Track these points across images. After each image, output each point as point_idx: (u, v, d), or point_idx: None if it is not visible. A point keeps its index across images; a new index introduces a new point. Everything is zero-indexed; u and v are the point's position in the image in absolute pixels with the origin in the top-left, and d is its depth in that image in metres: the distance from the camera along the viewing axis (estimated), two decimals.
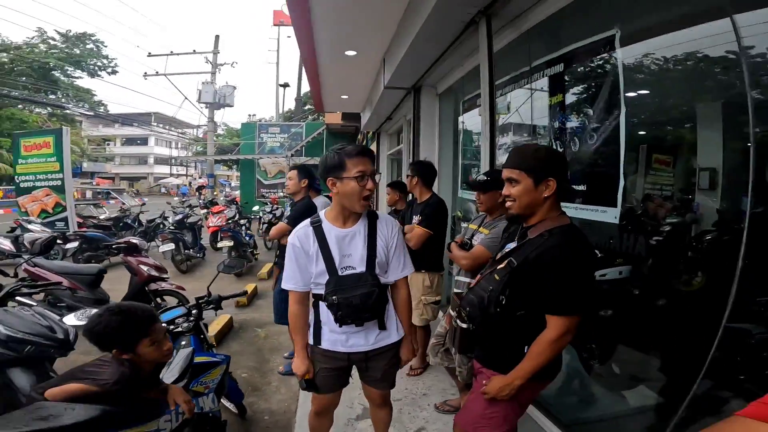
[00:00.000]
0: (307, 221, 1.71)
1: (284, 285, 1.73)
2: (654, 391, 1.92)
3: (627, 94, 1.97)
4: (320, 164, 1.67)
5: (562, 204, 1.44)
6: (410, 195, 3.38)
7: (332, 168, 1.58)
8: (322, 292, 1.63)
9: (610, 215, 1.98)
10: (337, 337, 1.70)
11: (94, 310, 4.26)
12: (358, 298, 1.57)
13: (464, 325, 1.45)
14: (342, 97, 7.20)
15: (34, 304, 3.13)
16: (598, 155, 2.19)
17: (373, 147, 9.68)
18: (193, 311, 2.47)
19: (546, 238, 1.31)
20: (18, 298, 2.96)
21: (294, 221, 3.40)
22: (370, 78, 5.77)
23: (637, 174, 1.96)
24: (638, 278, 1.98)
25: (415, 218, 2.88)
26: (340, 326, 1.64)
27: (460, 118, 4.46)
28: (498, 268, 1.38)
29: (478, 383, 1.53)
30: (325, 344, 1.72)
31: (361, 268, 1.63)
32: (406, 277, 1.79)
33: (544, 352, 1.31)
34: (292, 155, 15.73)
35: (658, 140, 2.04)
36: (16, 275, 3.75)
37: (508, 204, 1.40)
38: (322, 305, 1.66)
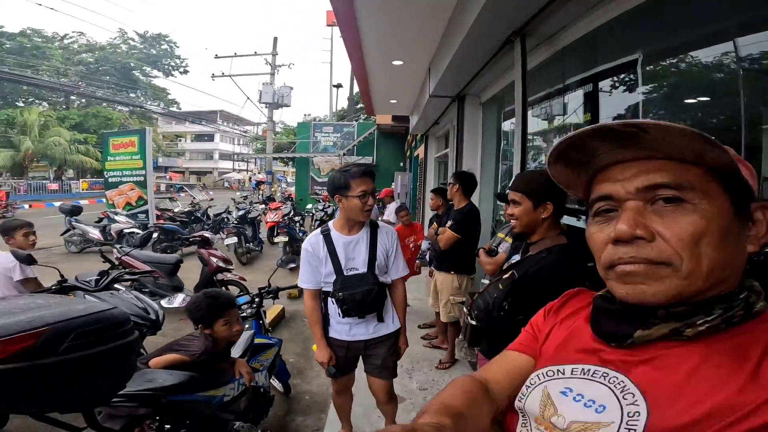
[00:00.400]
0: (319, 230, 2.03)
1: (300, 284, 2.05)
2: None
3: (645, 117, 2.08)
4: (329, 183, 1.98)
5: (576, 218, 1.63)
6: (450, 201, 3.62)
7: (339, 187, 1.89)
8: (331, 289, 1.95)
9: None
10: (341, 328, 2.02)
11: (179, 296, 4.91)
12: (360, 294, 1.89)
13: (473, 323, 1.69)
14: (391, 101, 7.49)
15: (122, 289, 3.75)
16: None
17: (421, 150, 9.89)
18: (256, 299, 2.91)
19: (544, 255, 1.52)
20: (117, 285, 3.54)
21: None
22: (417, 85, 6.01)
23: None
24: None
25: (448, 222, 3.14)
26: (344, 317, 1.96)
27: (503, 127, 4.60)
28: (503, 278, 1.61)
29: None
30: (332, 333, 2.04)
31: (363, 269, 1.94)
32: (402, 278, 2.09)
33: None
34: (344, 154, 16.35)
35: None
36: (106, 260, 4.40)
37: (512, 223, 1.63)
38: (330, 301, 1.99)
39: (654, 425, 0.50)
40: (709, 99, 1.89)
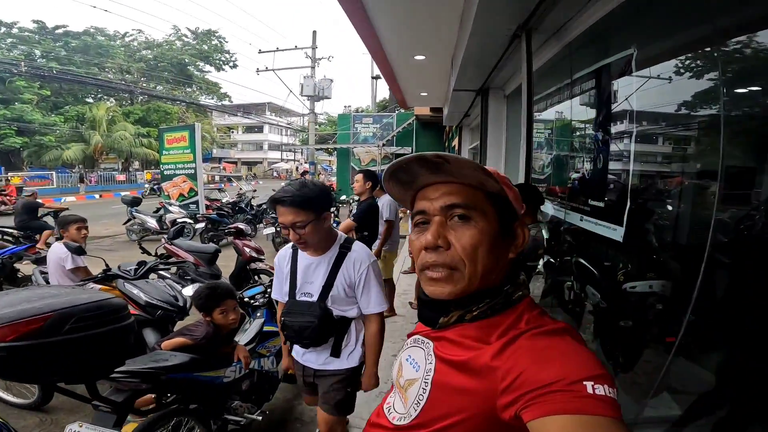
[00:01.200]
0: (291, 244, 1.81)
1: (273, 294, 1.95)
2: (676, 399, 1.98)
3: (637, 113, 2.02)
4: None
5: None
6: None
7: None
8: None
9: (618, 233, 2.06)
10: (297, 348, 1.88)
11: (190, 287, 5.28)
12: (298, 325, 1.70)
13: None
14: (421, 94, 7.48)
15: (168, 276, 4.14)
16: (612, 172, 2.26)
17: (456, 141, 9.78)
18: (268, 290, 3.13)
19: None
20: (160, 272, 3.92)
21: (359, 219, 3.92)
22: (443, 78, 5.97)
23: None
24: (670, 293, 2.01)
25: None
26: (286, 342, 1.87)
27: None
28: None
29: None
30: (293, 352, 1.92)
31: (315, 297, 1.73)
32: (377, 313, 1.78)
33: None
34: (383, 144, 16.47)
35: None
36: (144, 251, 4.87)
37: None
38: None
39: (436, 378, 0.69)
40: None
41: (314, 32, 18.79)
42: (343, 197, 13.35)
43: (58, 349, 1.24)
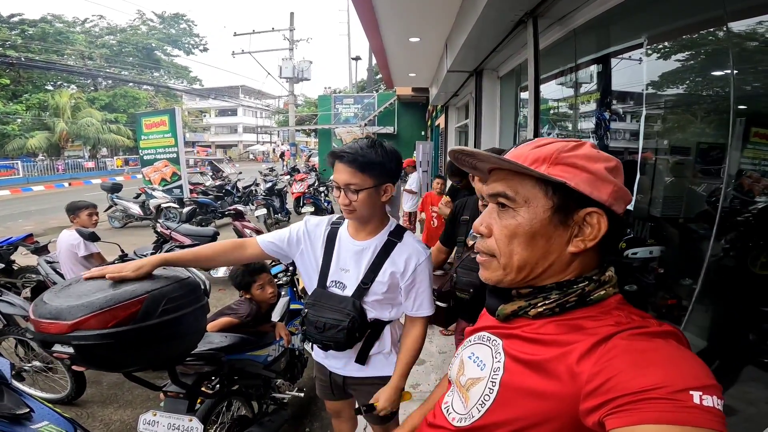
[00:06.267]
0: (329, 218, 1.56)
1: (258, 238, 1.55)
2: None
3: (648, 95, 2.20)
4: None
5: None
6: None
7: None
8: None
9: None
10: (318, 350, 1.57)
11: (221, 268, 5.31)
12: (323, 322, 1.40)
13: (463, 296, 1.77)
14: (410, 75, 7.52)
15: None
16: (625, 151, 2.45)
17: (442, 120, 9.89)
18: (290, 267, 3.21)
19: None
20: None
21: None
22: (434, 60, 6.04)
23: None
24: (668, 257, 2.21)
25: None
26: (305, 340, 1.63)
27: (520, 98, 4.66)
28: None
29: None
30: (314, 353, 1.65)
31: (348, 290, 1.44)
32: (423, 318, 1.49)
33: None
34: (365, 125, 16.40)
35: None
36: (159, 235, 4.81)
37: None
38: None
39: (506, 378, 0.64)
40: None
41: (292, 14, 18.36)
42: (332, 177, 13.25)
43: (155, 333, 1.20)
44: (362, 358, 1.50)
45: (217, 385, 1.95)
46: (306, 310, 1.46)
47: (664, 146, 2.23)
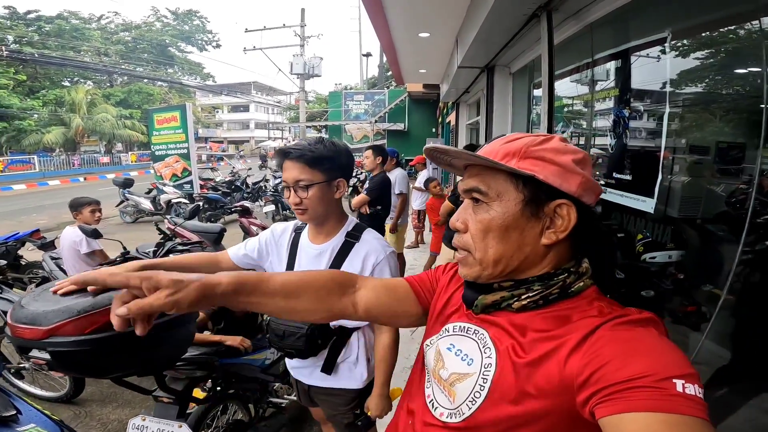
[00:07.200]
0: (293, 224, 1.51)
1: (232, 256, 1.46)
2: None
3: (672, 93, 2.07)
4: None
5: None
6: None
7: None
8: None
9: (648, 205, 2.14)
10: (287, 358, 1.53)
11: None
12: (282, 331, 1.36)
13: None
14: (420, 71, 7.40)
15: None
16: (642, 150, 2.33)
17: (452, 117, 9.75)
18: None
19: None
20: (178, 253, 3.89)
21: (372, 192, 3.96)
22: (445, 56, 5.91)
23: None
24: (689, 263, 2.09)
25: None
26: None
27: (533, 95, 4.52)
28: None
29: None
30: (286, 360, 1.58)
31: None
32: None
33: None
34: (375, 121, 16.32)
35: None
36: (161, 232, 4.81)
37: None
38: None
39: (498, 375, 0.63)
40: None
41: (302, 10, 18.24)
42: None
43: (136, 339, 1.20)
44: (328, 367, 1.44)
45: (216, 389, 1.92)
46: (268, 318, 1.41)
47: (684, 145, 2.11)
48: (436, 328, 0.79)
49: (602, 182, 2.68)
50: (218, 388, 1.93)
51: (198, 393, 2.01)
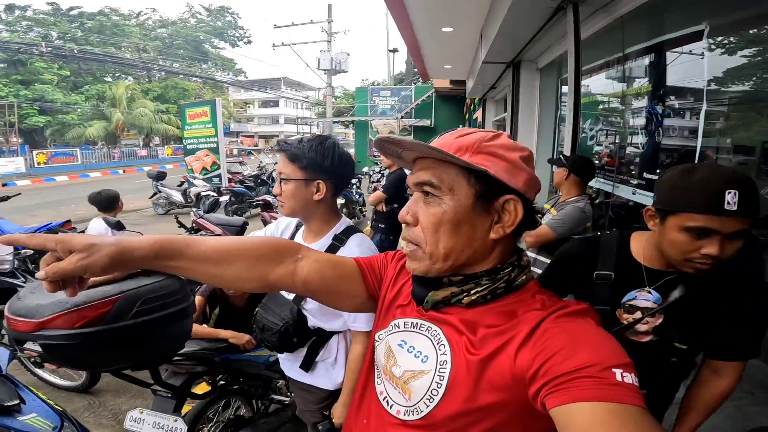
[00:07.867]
0: (297, 220, 1.52)
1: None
2: None
3: (710, 90, 1.91)
4: None
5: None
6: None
7: None
8: None
9: None
10: None
11: None
12: (262, 324, 1.41)
13: None
14: (445, 66, 7.26)
15: None
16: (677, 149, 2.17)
17: (479, 113, 9.54)
18: None
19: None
20: None
21: (388, 190, 3.91)
22: (470, 51, 5.76)
23: None
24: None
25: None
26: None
27: (561, 92, 4.33)
28: None
29: None
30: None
31: (293, 294, 1.38)
32: (365, 333, 1.32)
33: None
34: (402, 117, 16.20)
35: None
36: (181, 225, 4.95)
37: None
38: None
39: (454, 372, 0.63)
40: None
41: (329, 6, 18.30)
42: (365, 169, 13.22)
43: (129, 334, 1.22)
44: (306, 365, 1.45)
45: (219, 384, 1.92)
46: (257, 308, 1.46)
47: (728, 145, 1.95)
48: (387, 320, 0.78)
49: (633, 182, 2.53)
50: (222, 383, 1.94)
51: (205, 387, 2.03)
